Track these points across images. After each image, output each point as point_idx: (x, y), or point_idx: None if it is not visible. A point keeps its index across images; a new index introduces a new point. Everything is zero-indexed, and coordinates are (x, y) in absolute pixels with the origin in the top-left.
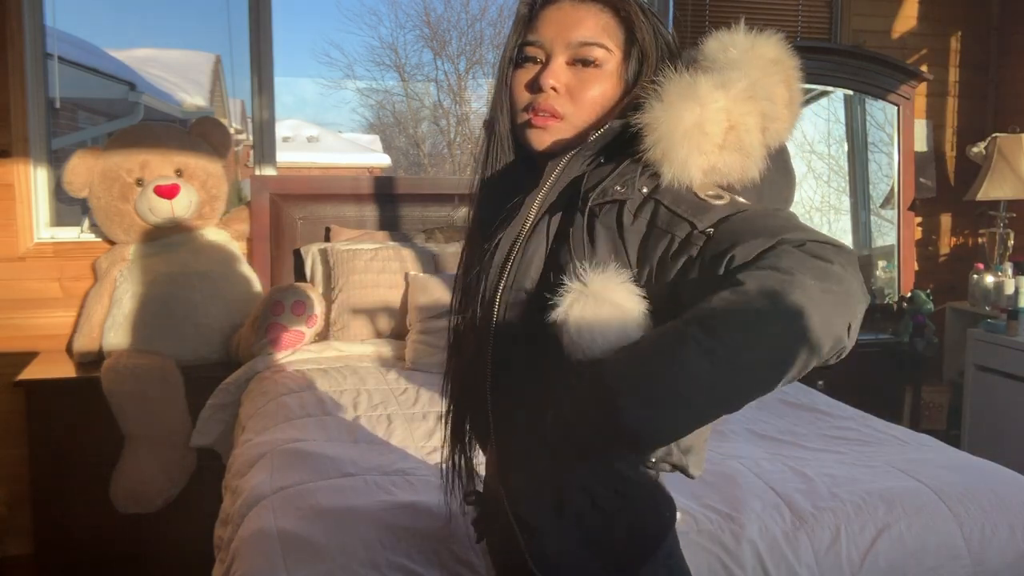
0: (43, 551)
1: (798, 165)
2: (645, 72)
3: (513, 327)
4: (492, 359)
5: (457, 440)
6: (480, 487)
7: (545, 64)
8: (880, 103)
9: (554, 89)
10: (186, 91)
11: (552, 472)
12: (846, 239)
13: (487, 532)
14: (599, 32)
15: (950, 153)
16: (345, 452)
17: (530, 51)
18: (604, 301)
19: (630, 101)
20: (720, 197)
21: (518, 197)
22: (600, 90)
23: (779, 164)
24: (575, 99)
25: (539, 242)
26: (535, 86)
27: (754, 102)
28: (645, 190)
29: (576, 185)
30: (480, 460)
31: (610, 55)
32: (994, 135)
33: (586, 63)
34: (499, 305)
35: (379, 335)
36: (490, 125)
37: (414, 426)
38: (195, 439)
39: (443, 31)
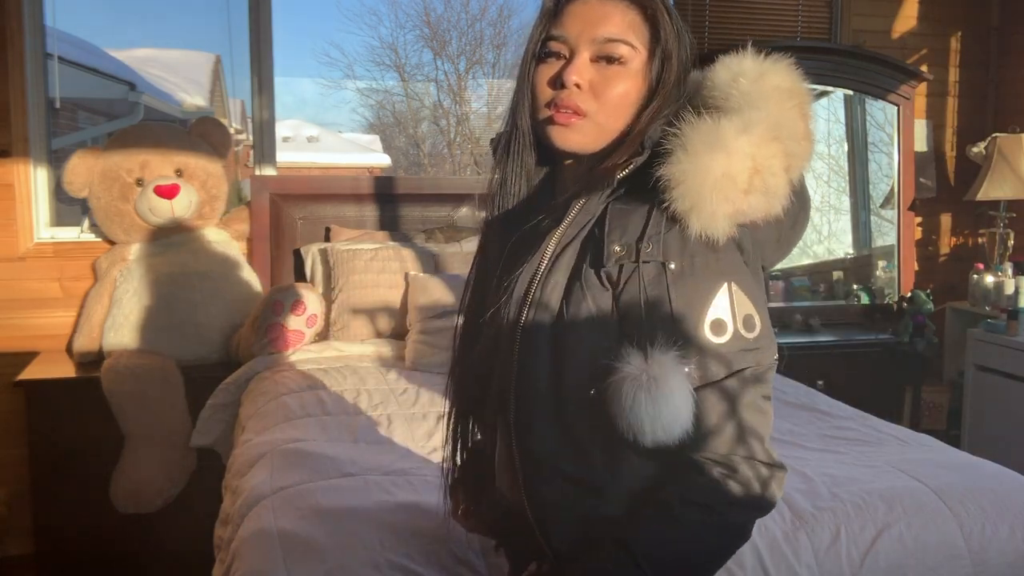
0: (43, 551)
1: None
2: (666, 73)
3: (537, 356)
4: (515, 393)
5: (458, 443)
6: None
7: (569, 60)
8: (880, 103)
9: (577, 86)
10: (186, 91)
11: (582, 503)
12: (846, 239)
13: (503, 531)
14: (625, 29)
15: (950, 153)
16: (345, 452)
17: (554, 46)
18: (663, 389)
19: (648, 136)
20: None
21: (535, 219)
22: (624, 88)
23: (796, 194)
24: (599, 96)
25: (558, 277)
26: (558, 82)
27: (778, 143)
28: (673, 266)
29: (595, 216)
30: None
31: (635, 53)
32: (994, 135)
33: (611, 60)
34: (520, 339)
35: (379, 335)
36: (498, 141)
37: (414, 426)
38: (195, 439)
39: (443, 31)
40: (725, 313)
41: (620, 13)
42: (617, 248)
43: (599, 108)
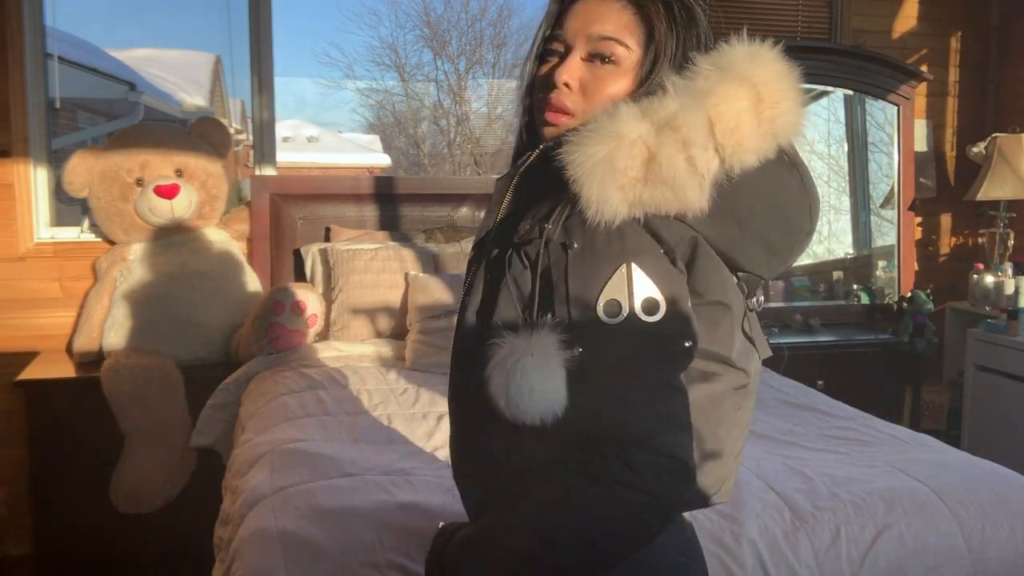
0: (43, 551)
1: None
2: (656, 73)
3: (469, 337)
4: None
5: None
6: None
7: (563, 59)
8: (880, 103)
9: (567, 85)
10: (186, 91)
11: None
12: (846, 239)
13: None
14: (619, 28)
15: (950, 153)
16: (345, 452)
17: (554, 45)
18: (537, 367)
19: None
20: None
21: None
22: (614, 88)
23: (773, 182)
24: (588, 96)
25: (495, 259)
26: (550, 82)
27: (673, 131)
28: (576, 246)
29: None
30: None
31: (629, 53)
32: (994, 135)
33: (603, 59)
34: (460, 320)
35: (379, 335)
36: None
37: (414, 426)
38: (195, 439)
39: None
40: (620, 294)
41: (616, 13)
42: (527, 227)
43: (587, 108)
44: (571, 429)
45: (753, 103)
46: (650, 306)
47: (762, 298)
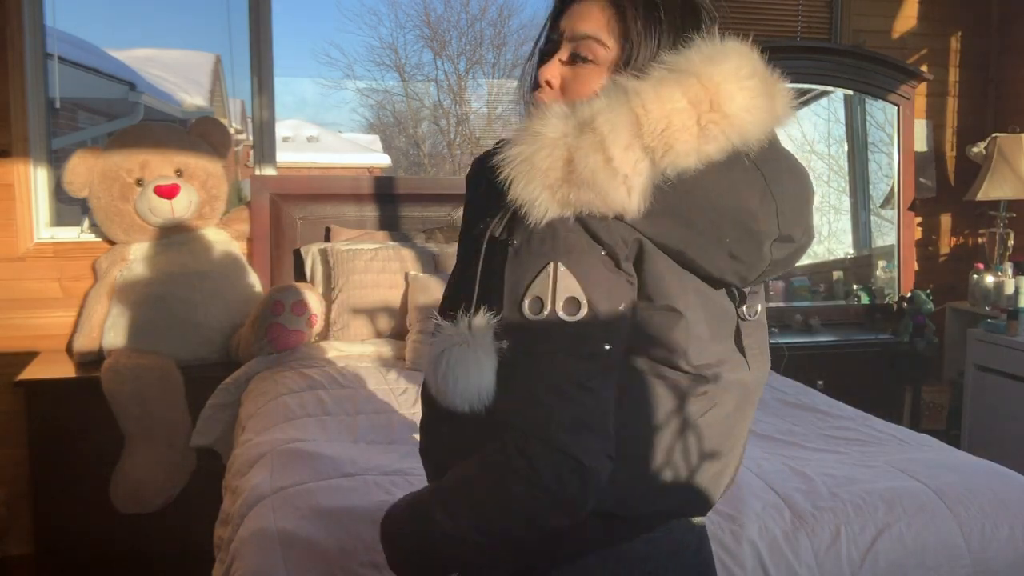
0: (43, 551)
1: None
2: (628, 69)
3: None
4: None
5: None
6: None
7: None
8: (880, 103)
9: (549, 84)
10: (186, 91)
11: None
12: (846, 239)
13: None
14: (600, 27)
15: (950, 153)
16: (345, 452)
17: (548, 46)
18: (469, 357)
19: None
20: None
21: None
22: (594, 86)
23: (724, 185)
24: (568, 94)
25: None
26: (537, 81)
27: (592, 132)
28: (515, 243)
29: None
30: None
31: (607, 51)
32: (994, 135)
33: (583, 59)
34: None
35: (379, 335)
36: None
37: (414, 426)
38: (195, 439)
39: (443, 31)
40: (544, 292)
41: (599, 11)
42: (481, 225)
43: None
44: (492, 418)
45: (695, 103)
46: (571, 306)
47: (759, 307)
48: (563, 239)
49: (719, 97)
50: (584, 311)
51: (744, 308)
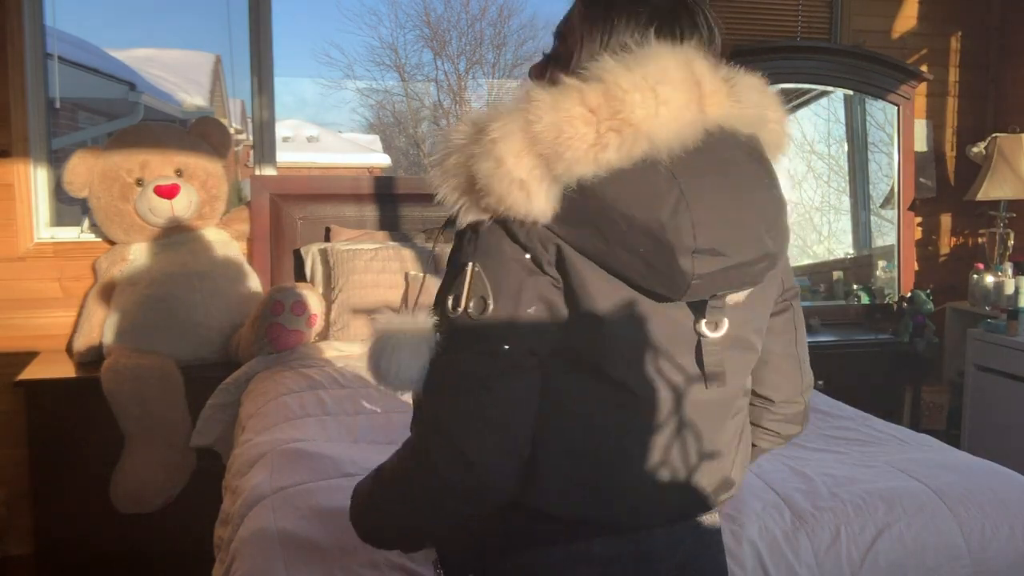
0: (43, 551)
1: (798, 165)
2: (570, 69)
3: None
4: None
5: None
6: None
7: None
8: (880, 103)
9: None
10: (186, 91)
11: None
12: (846, 239)
13: None
14: (567, 26)
15: (950, 153)
16: (345, 452)
17: None
18: (403, 347)
19: None
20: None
21: None
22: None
23: (628, 192)
24: None
25: None
26: None
27: (485, 139)
28: (452, 245)
29: None
30: None
31: (564, 50)
32: (994, 135)
33: (547, 55)
34: None
35: None
36: None
37: None
38: (195, 439)
39: (443, 31)
40: (460, 291)
41: (574, 9)
42: (446, 230)
43: None
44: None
45: (595, 110)
46: (480, 306)
47: (726, 325)
48: (483, 241)
49: (623, 104)
50: (490, 311)
51: (702, 325)
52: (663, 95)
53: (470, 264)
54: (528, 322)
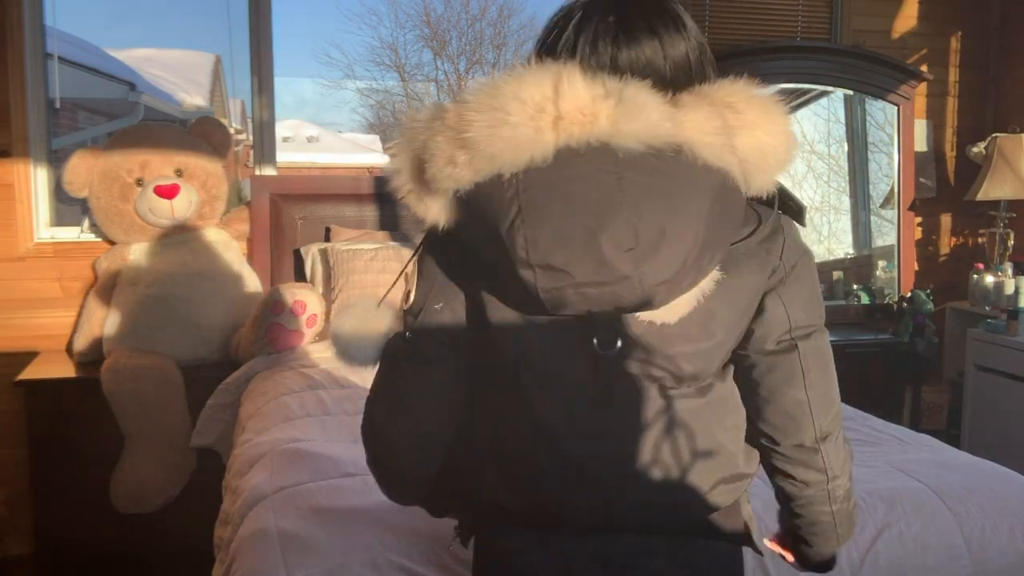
0: (43, 551)
1: (798, 165)
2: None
3: None
4: None
5: None
6: None
7: None
8: (880, 103)
9: None
10: (186, 91)
11: None
12: (846, 239)
13: None
14: None
15: (950, 153)
16: (345, 452)
17: None
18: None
19: None
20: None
21: None
22: None
23: (480, 205)
24: None
25: None
26: None
27: (395, 157)
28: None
29: None
30: None
31: None
32: (994, 135)
33: None
34: None
35: None
36: None
37: None
38: (195, 439)
39: (443, 31)
40: (406, 283)
41: None
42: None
43: None
44: None
45: (452, 129)
46: (406, 297)
47: (618, 344)
48: (424, 241)
49: (470, 125)
50: (410, 302)
51: (597, 340)
52: (506, 115)
53: (415, 259)
54: (435, 320)
